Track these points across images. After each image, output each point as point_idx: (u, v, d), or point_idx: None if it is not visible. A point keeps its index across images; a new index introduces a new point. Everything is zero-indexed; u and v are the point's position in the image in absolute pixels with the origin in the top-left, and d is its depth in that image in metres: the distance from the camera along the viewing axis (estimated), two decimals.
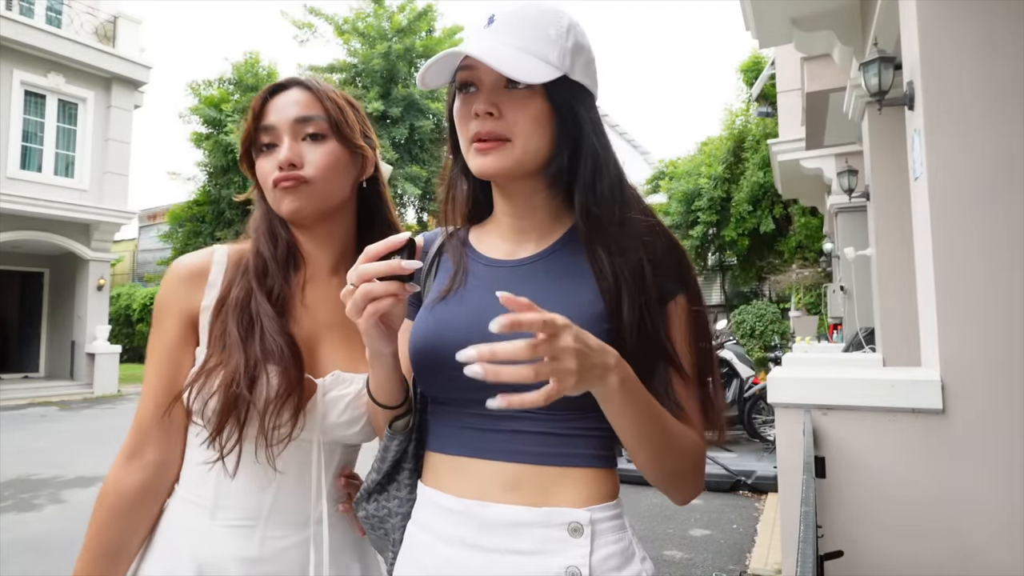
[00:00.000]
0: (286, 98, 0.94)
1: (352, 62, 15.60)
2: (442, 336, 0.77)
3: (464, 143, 0.79)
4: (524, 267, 0.82)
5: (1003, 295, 1.91)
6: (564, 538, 0.72)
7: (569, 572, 0.71)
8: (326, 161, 0.93)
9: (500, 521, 0.73)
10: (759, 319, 12.82)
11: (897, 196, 3.71)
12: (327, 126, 0.94)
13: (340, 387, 0.92)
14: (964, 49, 2.01)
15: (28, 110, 11.72)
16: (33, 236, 11.69)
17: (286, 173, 0.91)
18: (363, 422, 0.92)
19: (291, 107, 0.93)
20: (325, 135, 0.94)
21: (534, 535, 0.72)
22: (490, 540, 0.73)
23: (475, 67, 0.76)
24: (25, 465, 5.95)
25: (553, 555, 0.71)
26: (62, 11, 12.42)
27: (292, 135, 0.93)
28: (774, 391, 2.29)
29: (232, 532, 0.89)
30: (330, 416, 0.90)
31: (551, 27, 0.75)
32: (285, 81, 0.97)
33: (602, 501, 0.75)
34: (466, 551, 0.74)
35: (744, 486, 4.91)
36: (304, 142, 0.93)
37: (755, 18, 3.89)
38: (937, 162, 2.02)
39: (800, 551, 1.08)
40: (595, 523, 0.73)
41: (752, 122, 13.75)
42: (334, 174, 0.94)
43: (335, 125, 0.94)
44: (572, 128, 0.78)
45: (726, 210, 13.65)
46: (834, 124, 5.78)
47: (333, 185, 0.95)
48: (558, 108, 0.76)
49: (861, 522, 2.04)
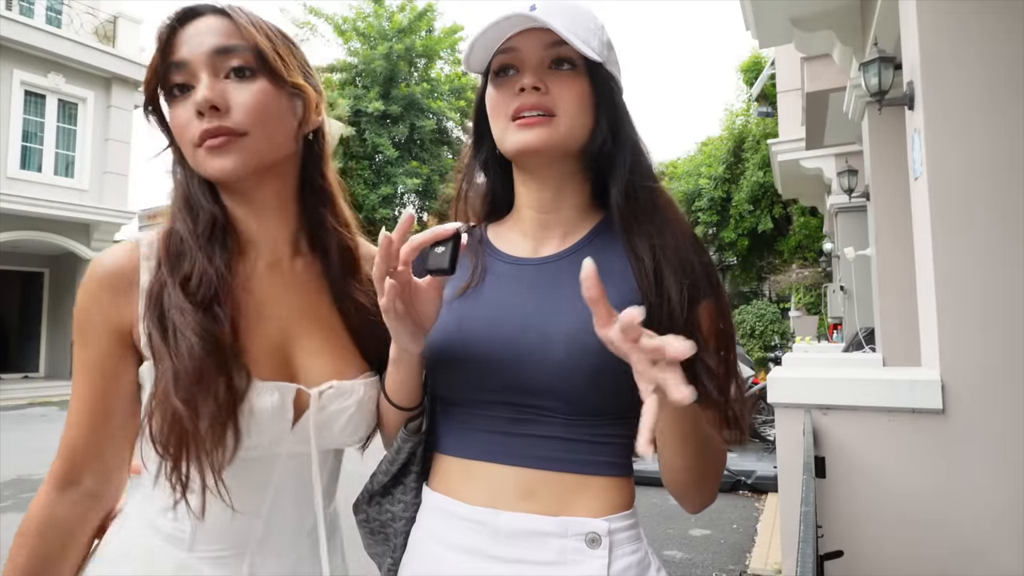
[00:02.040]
0: (200, 25, 0.76)
1: (352, 62, 15.60)
2: (461, 335, 0.75)
3: (502, 123, 0.77)
4: (549, 265, 0.79)
5: (1003, 295, 1.91)
6: (582, 549, 0.69)
7: None
8: (257, 101, 0.75)
9: (515, 530, 0.70)
10: (759, 319, 12.82)
11: (897, 196, 3.71)
12: (254, 59, 0.76)
13: (340, 400, 0.79)
14: (964, 49, 2.01)
15: (28, 110, 11.72)
16: (33, 236, 11.68)
17: (212, 125, 0.73)
18: (364, 430, 0.83)
19: (207, 36, 0.75)
20: (253, 70, 0.76)
21: (551, 545, 0.69)
22: (504, 550, 0.70)
23: (517, 49, 0.75)
24: (25, 465, 5.95)
25: (571, 566, 0.69)
26: (62, 11, 12.42)
27: (211, 70, 0.74)
28: (774, 391, 2.29)
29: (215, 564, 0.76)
30: (331, 430, 0.80)
31: (590, 20, 0.76)
32: (197, 6, 0.77)
33: (620, 511, 0.72)
34: (479, 561, 0.71)
35: (744, 486, 4.91)
36: (228, 80, 0.75)
37: (755, 18, 3.89)
38: (937, 162, 2.02)
39: (800, 551, 1.08)
40: (613, 533, 0.70)
41: (752, 122, 13.75)
42: (270, 119, 0.76)
43: (264, 57, 0.76)
44: (611, 113, 0.78)
45: (726, 210, 13.66)
46: (834, 124, 5.78)
47: (272, 134, 0.77)
48: (600, 92, 0.77)
49: (861, 522, 2.04)
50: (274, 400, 0.75)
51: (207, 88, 0.73)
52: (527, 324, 0.73)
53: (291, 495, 0.80)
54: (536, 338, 0.72)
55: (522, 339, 0.73)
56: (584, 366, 0.69)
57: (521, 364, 0.72)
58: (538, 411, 0.72)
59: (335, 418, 0.79)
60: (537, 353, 0.71)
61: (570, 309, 0.71)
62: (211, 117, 0.73)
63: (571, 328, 0.70)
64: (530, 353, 0.72)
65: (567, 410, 0.72)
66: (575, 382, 0.70)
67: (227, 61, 0.75)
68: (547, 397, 0.72)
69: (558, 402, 0.71)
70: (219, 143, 0.73)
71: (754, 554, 3.56)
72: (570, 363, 0.70)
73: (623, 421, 0.73)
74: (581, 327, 0.67)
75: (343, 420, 0.79)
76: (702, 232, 13.81)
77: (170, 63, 0.75)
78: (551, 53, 0.75)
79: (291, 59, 0.80)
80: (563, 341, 0.70)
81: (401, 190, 15.32)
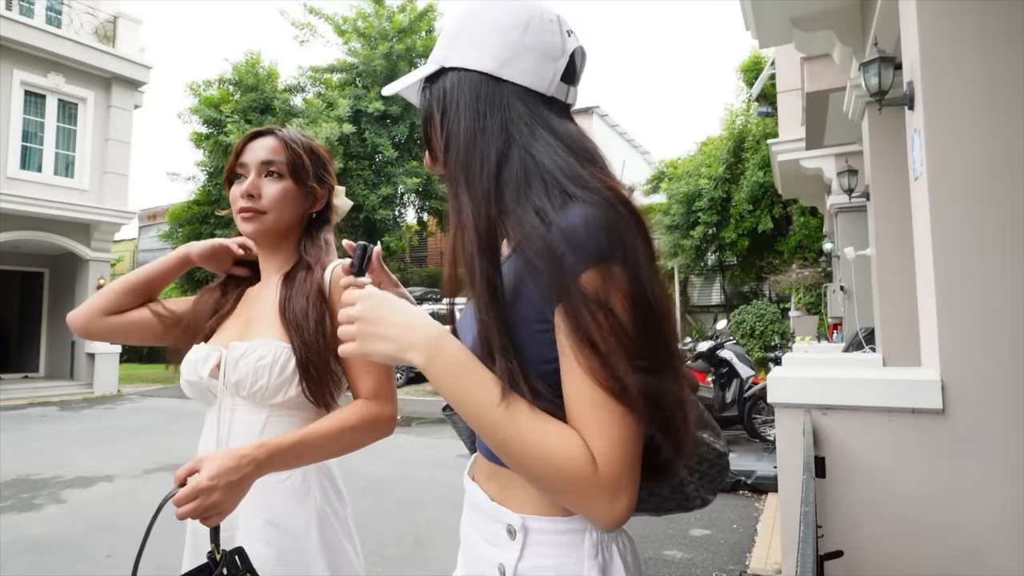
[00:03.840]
0: (260, 143, 1.23)
1: (352, 62, 15.59)
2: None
3: None
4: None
5: (1003, 295, 1.91)
6: (503, 536, 0.76)
7: (500, 568, 0.75)
8: (279, 195, 1.21)
9: (471, 501, 0.84)
10: (759, 319, 12.81)
11: (897, 196, 3.71)
12: (286, 168, 1.22)
13: (246, 356, 1.14)
14: (964, 49, 2.01)
15: (28, 110, 11.72)
16: (33, 236, 11.69)
17: (247, 204, 1.19)
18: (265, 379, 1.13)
19: (261, 150, 1.22)
20: (283, 175, 1.22)
21: (491, 527, 0.79)
22: (470, 512, 0.85)
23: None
24: (25, 465, 5.95)
25: (494, 548, 0.77)
26: (62, 11, 12.42)
27: (258, 172, 1.21)
28: (774, 391, 2.29)
29: None
30: (244, 382, 1.14)
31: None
32: (263, 130, 1.26)
33: (546, 514, 0.74)
34: (467, 523, 0.86)
35: (744, 486, 4.91)
36: (267, 179, 1.22)
37: (755, 18, 3.89)
38: (937, 162, 2.02)
39: (800, 551, 1.08)
40: (529, 532, 0.74)
41: (752, 122, 13.74)
42: (285, 206, 1.22)
43: (292, 168, 1.22)
44: None
45: (726, 210, 13.63)
46: (834, 124, 5.78)
47: (283, 215, 1.23)
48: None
49: (861, 522, 2.04)
50: (201, 353, 1.19)
51: (250, 184, 1.21)
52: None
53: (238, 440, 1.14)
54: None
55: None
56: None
57: None
58: None
59: (245, 371, 1.13)
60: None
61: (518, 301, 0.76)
62: (248, 199, 1.20)
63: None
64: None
65: None
66: None
67: (268, 167, 1.22)
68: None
69: None
70: (249, 216, 1.21)
71: (754, 554, 3.56)
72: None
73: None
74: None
75: (250, 373, 1.13)
76: (702, 232, 13.80)
77: (239, 162, 1.23)
78: None
79: (310, 168, 1.25)
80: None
81: (401, 190, 15.31)
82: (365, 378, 1.16)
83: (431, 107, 0.79)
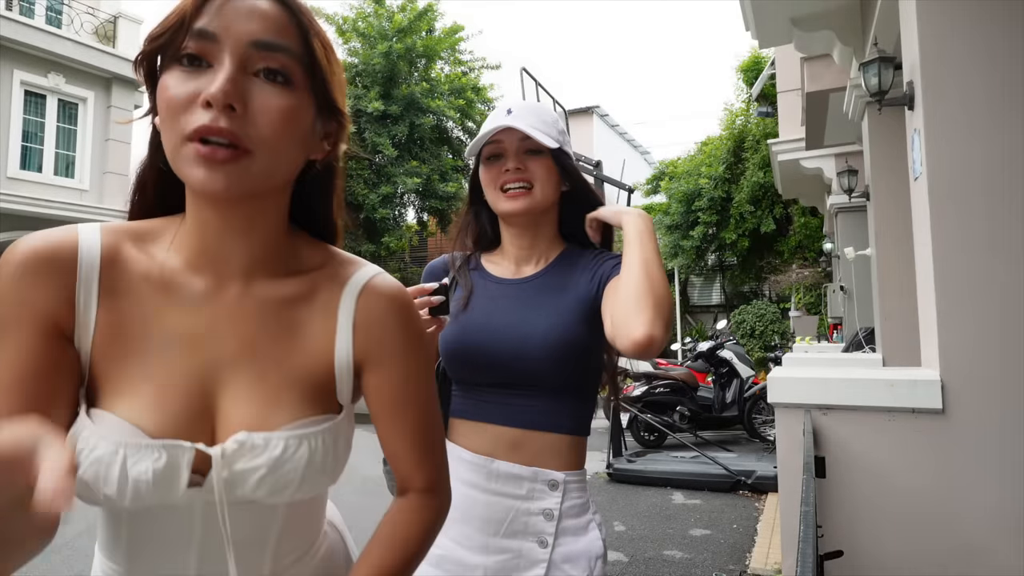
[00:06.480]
0: (246, 3, 0.59)
1: (352, 62, 15.60)
2: (466, 338, 1.08)
3: (494, 194, 1.11)
4: (527, 283, 1.12)
5: (1003, 295, 1.91)
6: (545, 490, 1.03)
7: (546, 513, 1.03)
8: (283, 120, 0.59)
9: (503, 473, 1.04)
10: (759, 319, 12.81)
11: (897, 196, 3.71)
12: (299, 67, 0.60)
13: (248, 457, 0.61)
14: (964, 49, 2.01)
15: (28, 110, 11.73)
16: None
17: (217, 125, 0.55)
18: (291, 489, 0.63)
19: (251, 20, 0.58)
20: (291, 79, 0.60)
21: (525, 486, 1.03)
22: (495, 486, 1.04)
23: (501, 142, 1.09)
24: None
25: (537, 500, 1.03)
26: (62, 11, 12.43)
27: (239, 60, 0.57)
28: (774, 391, 2.29)
29: None
30: (244, 488, 0.62)
31: (548, 116, 1.10)
32: None
33: (574, 468, 1.06)
34: (475, 492, 1.04)
35: (744, 486, 4.91)
36: (256, 78, 0.58)
37: (755, 18, 3.89)
38: (937, 162, 2.02)
39: (800, 551, 1.08)
40: (567, 483, 1.04)
41: (752, 122, 13.73)
42: (288, 143, 0.60)
43: (311, 67, 0.61)
44: (570, 179, 1.13)
45: (726, 210, 13.63)
46: (834, 124, 5.78)
47: (282, 159, 0.61)
48: (561, 166, 1.11)
49: (861, 522, 2.05)
50: (158, 465, 0.57)
51: (229, 80, 0.55)
52: (511, 327, 1.05)
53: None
54: (518, 337, 1.04)
55: (508, 338, 1.05)
56: (552, 356, 1.02)
57: (508, 356, 1.04)
58: (522, 388, 1.05)
59: (246, 477, 0.61)
60: (519, 348, 1.03)
61: (543, 316, 1.04)
62: (220, 116, 0.55)
63: (541, 329, 1.03)
64: (514, 348, 1.04)
65: (541, 387, 1.04)
66: (545, 367, 1.02)
67: (264, 59, 0.58)
68: (527, 378, 1.04)
69: (534, 381, 1.04)
70: (218, 155, 0.56)
71: (754, 554, 3.56)
72: (542, 355, 1.02)
73: (580, 395, 1.07)
74: (549, 328, 1.02)
75: (253, 481, 0.61)
76: (702, 232, 13.80)
77: (194, 28, 0.57)
78: (525, 144, 1.08)
79: (340, 74, 0.65)
80: (537, 339, 1.03)
81: (401, 190, 15.31)
82: (427, 463, 0.73)
83: None
